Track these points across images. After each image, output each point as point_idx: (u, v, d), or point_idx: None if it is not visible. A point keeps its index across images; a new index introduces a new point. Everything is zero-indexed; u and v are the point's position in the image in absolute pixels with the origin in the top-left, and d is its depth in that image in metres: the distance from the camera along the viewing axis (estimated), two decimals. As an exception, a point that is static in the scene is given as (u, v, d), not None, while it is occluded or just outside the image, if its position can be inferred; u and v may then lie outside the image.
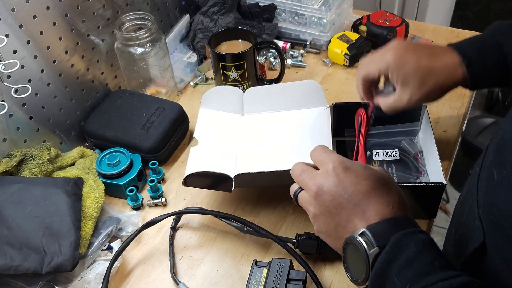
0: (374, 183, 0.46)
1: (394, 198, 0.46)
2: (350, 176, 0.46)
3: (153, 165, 0.77)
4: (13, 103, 0.71)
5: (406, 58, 0.60)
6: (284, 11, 1.00)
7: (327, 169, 0.47)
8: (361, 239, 0.43)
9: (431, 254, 0.41)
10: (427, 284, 0.39)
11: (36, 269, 0.60)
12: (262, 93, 0.78)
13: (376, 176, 0.47)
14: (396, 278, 0.41)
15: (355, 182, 0.46)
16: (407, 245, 0.41)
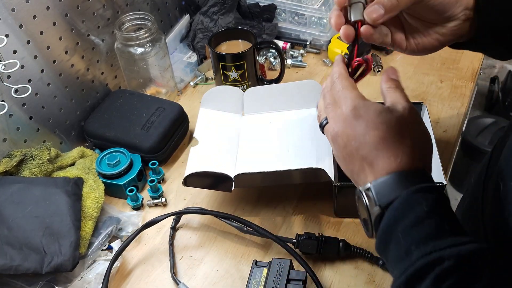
0: (384, 133, 0.43)
1: (404, 149, 0.42)
2: (360, 125, 0.44)
3: (153, 165, 0.77)
4: (13, 103, 0.71)
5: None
6: (284, 11, 1.00)
7: (342, 113, 0.45)
8: (365, 195, 0.42)
9: (442, 215, 0.39)
10: (435, 249, 0.37)
11: (36, 269, 0.60)
12: (262, 93, 0.78)
13: (389, 124, 0.43)
14: (401, 237, 0.39)
15: (364, 133, 0.43)
16: (418, 203, 0.39)
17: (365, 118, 0.44)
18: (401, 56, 0.98)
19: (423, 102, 0.75)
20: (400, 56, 0.98)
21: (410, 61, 0.96)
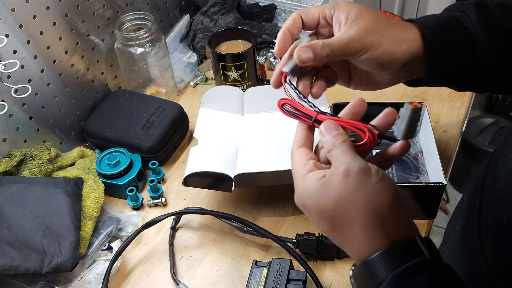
0: (330, 223, 0.39)
1: (356, 236, 0.38)
2: (309, 214, 0.41)
3: (153, 165, 0.77)
4: (13, 103, 0.71)
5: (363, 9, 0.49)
6: (284, 11, 1.00)
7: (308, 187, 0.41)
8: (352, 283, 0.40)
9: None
10: None
11: (36, 269, 0.60)
12: (262, 93, 0.78)
13: (331, 214, 0.39)
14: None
15: (316, 222, 0.41)
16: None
17: (309, 208, 0.40)
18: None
19: (423, 102, 0.75)
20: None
21: (410, 61, 0.96)
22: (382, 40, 0.46)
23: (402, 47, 0.47)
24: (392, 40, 0.47)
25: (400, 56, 0.47)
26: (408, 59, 0.47)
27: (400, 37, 0.47)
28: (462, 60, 0.48)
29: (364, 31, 0.46)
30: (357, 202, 0.37)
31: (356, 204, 0.37)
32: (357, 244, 0.38)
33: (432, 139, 0.70)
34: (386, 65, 0.47)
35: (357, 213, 0.37)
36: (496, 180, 0.44)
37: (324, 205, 0.38)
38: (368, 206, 0.37)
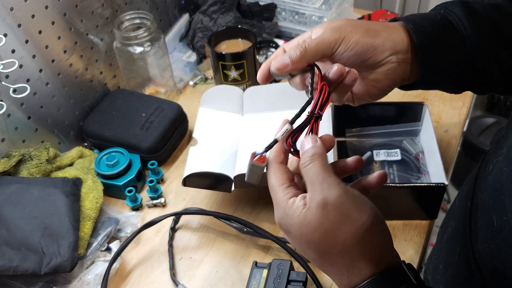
0: (317, 252, 0.39)
1: (346, 263, 0.38)
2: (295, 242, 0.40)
3: (152, 165, 0.77)
4: (11, 103, 0.71)
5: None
6: (284, 10, 0.99)
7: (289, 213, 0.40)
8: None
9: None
10: None
11: (34, 270, 0.60)
12: (262, 92, 0.78)
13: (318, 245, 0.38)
14: None
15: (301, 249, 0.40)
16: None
17: (293, 236, 0.40)
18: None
19: (425, 102, 0.74)
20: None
21: (411, 60, 0.96)
22: (355, 30, 0.46)
23: (380, 35, 0.47)
24: (366, 30, 0.47)
25: (380, 44, 0.46)
26: (391, 47, 0.47)
27: (375, 27, 0.48)
28: (452, 53, 0.48)
29: (336, 26, 0.46)
30: (344, 234, 0.37)
31: (343, 236, 0.37)
32: (345, 273, 0.38)
33: (434, 139, 0.69)
34: (367, 56, 0.47)
35: (344, 244, 0.37)
36: (486, 182, 0.44)
37: (310, 237, 0.38)
38: (356, 237, 0.37)
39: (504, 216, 0.39)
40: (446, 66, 0.48)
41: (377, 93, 0.50)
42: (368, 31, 0.47)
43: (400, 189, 0.65)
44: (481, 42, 0.47)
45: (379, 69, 0.48)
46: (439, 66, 0.48)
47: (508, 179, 0.39)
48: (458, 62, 0.48)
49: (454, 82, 0.50)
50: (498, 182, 0.41)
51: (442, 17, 0.49)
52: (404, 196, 0.66)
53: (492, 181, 0.42)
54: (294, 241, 0.40)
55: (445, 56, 0.48)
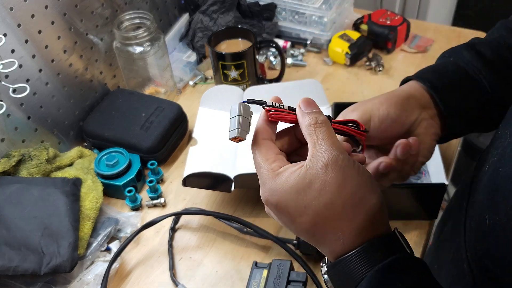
0: (313, 219, 0.36)
1: (343, 227, 0.36)
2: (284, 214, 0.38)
3: (152, 165, 0.76)
4: (11, 103, 0.71)
5: None
6: (284, 10, 0.99)
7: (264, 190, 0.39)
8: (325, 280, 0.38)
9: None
10: None
11: (34, 270, 0.59)
12: (262, 92, 0.78)
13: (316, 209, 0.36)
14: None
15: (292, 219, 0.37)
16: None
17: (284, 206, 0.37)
18: (403, 56, 0.97)
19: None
20: (402, 56, 0.97)
21: (412, 60, 0.96)
22: (380, 104, 0.49)
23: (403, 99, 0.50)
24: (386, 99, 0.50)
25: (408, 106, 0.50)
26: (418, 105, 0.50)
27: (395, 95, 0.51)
28: (472, 98, 0.50)
29: (362, 108, 0.50)
30: (345, 196, 0.35)
31: (344, 197, 0.35)
32: (341, 238, 0.36)
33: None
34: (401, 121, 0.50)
35: (345, 207, 0.35)
36: (482, 182, 0.45)
37: (307, 199, 0.36)
38: (356, 199, 0.36)
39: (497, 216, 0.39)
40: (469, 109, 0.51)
41: (427, 154, 0.52)
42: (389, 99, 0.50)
43: (400, 189, 0.64)
44: (497, 80, 0.49)
45: (418, 129, 0.51)
46: (462, 110, 0.51)
47: (503, 180, 0.39)
48: (480, 104, 0.51)
49: (482, 124, 0.53)
50: (493, 183, 0.41)
51: (454, 66, 0.51)
52: (404, 196, 0.66)
53: (488, 181, 0.43)
54: (283, 213, 0.38)
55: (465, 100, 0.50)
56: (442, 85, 0.50)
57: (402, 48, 0.98)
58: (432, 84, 0.50)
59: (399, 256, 0.35)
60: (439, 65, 0.53)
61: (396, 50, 0.98)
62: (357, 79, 0.93)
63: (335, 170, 0.35)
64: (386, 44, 0.96)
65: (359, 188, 0.36)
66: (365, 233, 0.36)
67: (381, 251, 0.35)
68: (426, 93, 0.50)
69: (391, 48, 0.97)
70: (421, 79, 0.51)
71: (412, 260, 0.36)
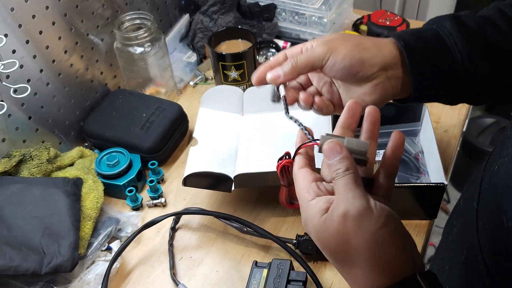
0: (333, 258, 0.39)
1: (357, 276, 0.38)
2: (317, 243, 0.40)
3: (153, 165, 0.77)
4: (12, 103, 0.71)
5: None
6: (284, 10, 0.99)
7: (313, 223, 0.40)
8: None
9: None
10: None
11: (35, 269, 0.60)
12: (262, 92, 0.78)
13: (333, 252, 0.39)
14: None
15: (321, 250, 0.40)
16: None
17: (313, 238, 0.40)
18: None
19: (424, 102, 0.74)
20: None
21: (411, 60, 0.96)
22: (345, 45, 0.49)
23: (370, 50, 0.49)
24: (356, 44, 0.49)
25: (369, 58, 0.48)
26: (381, 62, 0.49)
27: (365, 43, 0.50)
28: (444, 68, 0.49)
29: (327, 40, 0.49)
30: (358, 247, 0.37)
31: (358, 248, 0.37)
32: (358, 283, 0.38)
33: (433, 139, 0.69)
34: (356, 69, 0.48)
35: (359, 257, 0.37)
36: (492, 182, 0.44)
37: (326, 241, 0.38)
38: (370, 252, 0.37)
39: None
40: (438, 81, 0.49)
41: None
42: (358, 45, 0.49)
43: (400, 189, 0.65)
44: (472, 56, 0.48)
45: (368, 83, 0.50)
46: (431, 81, 0.49)
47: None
48: (450, 76, 0.49)
49: (448, 96, 0.51)
50: (506, 184, 0.41)
51: (434, 33, 0.50)
52: (404, 196, 0.66)
53: (500, 183, 0.42)
54: (315, 241, 0.40)
55: (437, 71, 0.49)
56: (416, 47, 0.49)
57: (402, 49, 0.98)
58: (407, 44, 0.49)
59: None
60: (420, 30, 0.52)
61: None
62: (357, 79, 0.93)
63: (348, 223, 0.37)
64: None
65: (374, 243, 0.37)
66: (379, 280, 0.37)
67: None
68: (397, 51, 0.49)
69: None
70: (397, 37, 0.50)
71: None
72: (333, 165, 0.40)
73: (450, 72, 0.49)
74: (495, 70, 0.49)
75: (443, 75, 0.49)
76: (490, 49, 0.49)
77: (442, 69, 0.49)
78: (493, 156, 0.48)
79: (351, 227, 0.37)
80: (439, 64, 0.49)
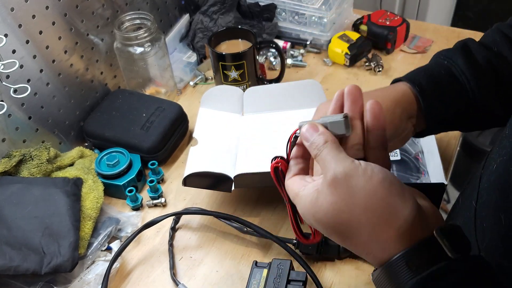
0: (338, 236, 0.38)
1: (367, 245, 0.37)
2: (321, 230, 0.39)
3: (153, 165, 0.77)
4: (12, 103, 0.71)
5: None
6: (284, 10, 1.00)
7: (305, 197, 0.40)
8: None
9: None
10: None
11: (35, 269, 0.60)
12: (262, 92, 0.78)
13: (335, 229, 0.37)
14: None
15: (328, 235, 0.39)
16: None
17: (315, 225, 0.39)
18: (402, 56, 0.97)
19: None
20: (401, 56, 0.97)
21: (411, 61, 0.96)
22: None
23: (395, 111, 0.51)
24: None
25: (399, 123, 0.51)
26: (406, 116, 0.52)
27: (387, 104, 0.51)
28: (457, 106, 0.52)
29: None
30: (356, 211, 0.36)
31: (355, 213, 0.36)
32: (371, 251, 0.37)
33: (433, 139, 0.69)
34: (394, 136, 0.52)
35: (360, 222, 0.36)
36: (491, 181, 0.45)
37: (324, 221, 0.37)
38: (368, 211, 0.36)
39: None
40: (451, 116, 0.53)
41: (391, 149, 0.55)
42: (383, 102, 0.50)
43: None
44: (483, 92, 0.51)
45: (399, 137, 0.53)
46: (444, 117, 0.53)
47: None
48: (461, 112, 0.53)
49: (460, 127, 0.55)
50: (505, 182, 0.41)
51: (446, 71, 0.53)
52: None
53: (498, 181, 0.43)
54: (319, 228, 0.39)
55: (449, 109, 0.52)
56: (431, 90, 0.51)
57: (402, 49, 0.98)
58: (422, 88, 0.51)
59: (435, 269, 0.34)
60: (432, 68, 0.54)
61: (395, 51, 0.98)
62: (357, 79, 0.93)
63: (339, 188, 0.36)
64: (385, 44, 0.96)
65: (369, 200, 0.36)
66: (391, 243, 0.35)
67: (420, 258, 0.35)
68: (413, 97, 0.52)
69: (391, 49, 0.97)
70: (412, 81, 0.52)
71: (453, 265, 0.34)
72: (313, 144, 0.39)
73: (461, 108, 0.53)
74: (503, 99, 0.52)
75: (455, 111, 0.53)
76: (498, 82, 0.52)
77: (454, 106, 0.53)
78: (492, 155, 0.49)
79: (342, 191, 0.36)
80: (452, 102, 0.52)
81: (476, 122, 0.54)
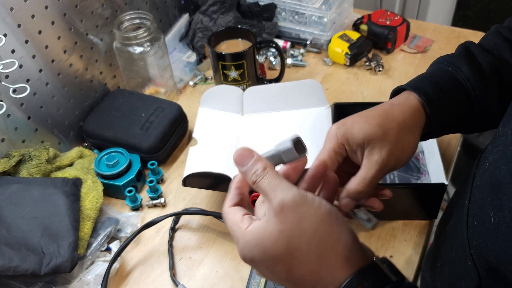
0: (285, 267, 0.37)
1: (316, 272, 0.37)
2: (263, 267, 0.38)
3: (152, 166, 0.77)
4: (11, 103, 0.71)
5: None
6: (284, 10, 0.99)
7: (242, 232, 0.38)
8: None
9: None
10: None
11: (34, 270, 0.59)
12: (262, 92, 0.78)
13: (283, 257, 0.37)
14: None
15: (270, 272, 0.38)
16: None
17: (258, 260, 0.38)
18: (402, 56, 0.97)
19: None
20: (401, 56, 0.97)
21: (411, 60, 0.96)
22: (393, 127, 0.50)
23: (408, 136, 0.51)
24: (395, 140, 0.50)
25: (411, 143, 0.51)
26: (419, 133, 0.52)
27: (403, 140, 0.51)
28: (461, 112, 0.53)
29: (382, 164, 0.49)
30: (305, 237, 0.36)
31: (305, 239, 0.36)
32: (320, 280, 0.36)
33: (434, 139, 0.69)
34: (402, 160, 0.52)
35: (309, 249, 0.36)
36: (483, 180, 0.45)
37: (273, 250, 0.36)
38: (317, 237, 0.36)
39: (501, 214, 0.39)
40: (454, 121, 0.53)
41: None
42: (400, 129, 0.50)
43: (400, 189, 0.65)
44: (488, 98, 0.52)
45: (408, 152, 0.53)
46: (448, 123, 0.53)
47: (506, 177, 0.39)
48: (464, 117, 0.53)
49: (461, 130, 0.56)
50: (495, 180, 0.41)
51: (451, 78, 0.53)
52: (404, 196, 0.66)
53: (490, 179, 0.43)
54: (262, 268, 0.38)
55: (454, 115, 0.53)
56: (436, 97, 0.52)
57: (402, 48, 0.98)
58: (427, 97, 0.51)
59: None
60: (436, 75, 0.54)
61: (395, 50, 0.98)
62: (357, 79, 0.93)
63: (288, 214, 0.36)
64: (385, 44, 0.96)
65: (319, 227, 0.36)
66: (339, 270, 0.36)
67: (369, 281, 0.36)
68: (421, 107, 0.52)
69: (391, 48, 0.97)
70: (417, 90, 0.52)
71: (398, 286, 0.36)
72: (249, 170, 0.39)
73: (465, 113, 0.53)
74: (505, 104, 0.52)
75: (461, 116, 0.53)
76: (502, 88, 0.53)
77: (460, 111, 0.53)
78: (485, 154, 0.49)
79: (291, 218, 0.36)
80: (457, 108, 0.53)
81: (478, 125, 0.55)
